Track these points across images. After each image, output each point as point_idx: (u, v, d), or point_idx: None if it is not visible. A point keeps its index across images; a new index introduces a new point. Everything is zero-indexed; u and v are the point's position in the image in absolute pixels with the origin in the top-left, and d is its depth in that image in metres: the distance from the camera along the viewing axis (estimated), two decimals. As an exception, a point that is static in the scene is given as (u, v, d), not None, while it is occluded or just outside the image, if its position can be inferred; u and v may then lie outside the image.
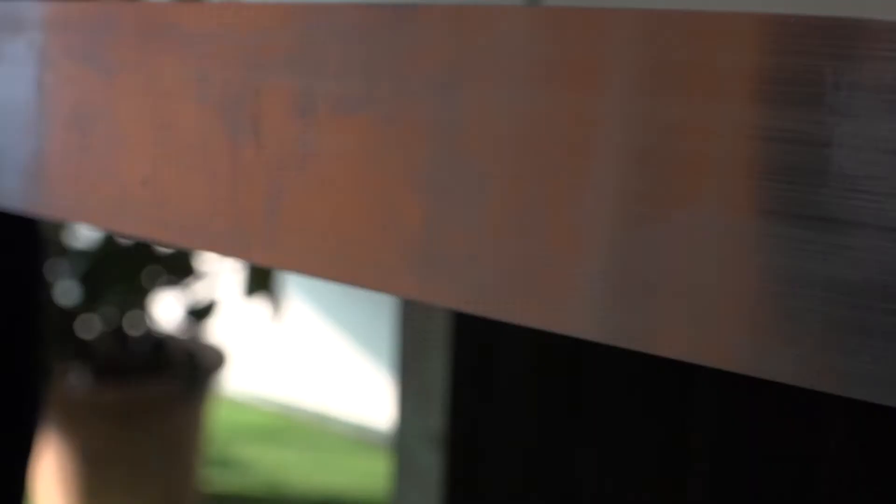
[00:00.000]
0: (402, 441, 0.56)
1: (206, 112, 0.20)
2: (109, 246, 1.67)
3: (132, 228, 0.22)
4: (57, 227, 1.50)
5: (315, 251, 0.19)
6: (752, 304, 0.15)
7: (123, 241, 1.64)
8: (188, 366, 1.75)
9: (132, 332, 1.78)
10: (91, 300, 1.70)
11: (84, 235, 1.63)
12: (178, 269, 1.71)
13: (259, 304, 1.85)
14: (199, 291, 1.75)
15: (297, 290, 2.13)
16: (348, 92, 0.18)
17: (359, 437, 2.12)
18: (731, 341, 0.15)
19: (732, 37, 0.15)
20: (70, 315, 1.71)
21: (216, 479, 1.99)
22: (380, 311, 2.00)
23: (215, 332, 1.95)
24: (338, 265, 0.19)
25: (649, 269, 0.15)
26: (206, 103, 0.20)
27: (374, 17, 0.18)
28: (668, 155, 0.15)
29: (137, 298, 1.75)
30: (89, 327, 1.75)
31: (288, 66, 0.19)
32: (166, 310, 1.85)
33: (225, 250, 0.20)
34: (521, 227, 0.16)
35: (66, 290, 1.67)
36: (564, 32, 0.15)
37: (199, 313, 1.78)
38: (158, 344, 1.78)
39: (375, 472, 1.99)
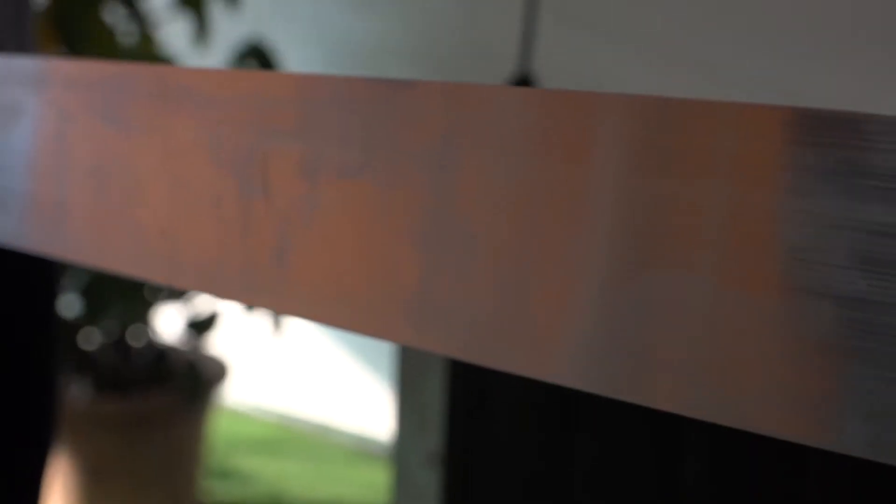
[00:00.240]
0: (401, 459, 0.58)
1: (219, 170, 0.22)
2: (112, 259, 1.69)
3: (150, 274, 0.23)
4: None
5: (318, 300, 0.20)
6: (728, 359, 0.16)
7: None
8: (189, 378, 1.76)
9: (134, 344, 1.79)
10: (93, 312, 1.72)
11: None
12: (180, 283, 1.73)
13: (260, 317, 1.87)
14: (200, 304, 1.76)
15: (297, 303, 2.14)
16: (349, 158, 0.20)
17: (359, 449, 2.13)
18: (711, 393, 0.16)
19: (714, 123, 0.16)
20: (72, 327, 1.73)
21: (217, 491, 2.00)
22: (379, 323, 2.02)
23: (216, 344, 1.96)
24: (339, 313, 0.20)
25: (631, 326, 0.17)
26: (219, 162, 0.22)
27: (374, 90, 0.19)
28: (650, 224, 0.17)
29: (139, 311, 1.76)
30: (91, 339, 1.77)
31: (294, 132, 0.21)
32: (168, 322, 1.86)
33: (236, 297, 0.22)
34: (511, 284, 0.18)
35: (67, 303, 1.69)
36: (555, 113, 0.17)
37: (201, 325, 1.79)
38: (160, 356, 1.80)
39: (375, 483, 2.00)
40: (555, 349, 0.18)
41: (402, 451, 0.60)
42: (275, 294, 0.21)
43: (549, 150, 0.17)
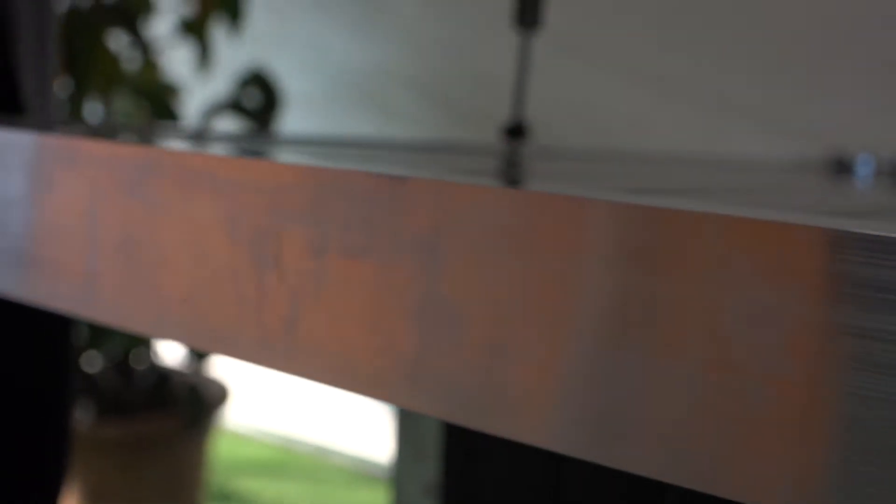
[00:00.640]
0: (399, 489, 0.60)
1: (235, 247, 0.25)
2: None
3: (172, 337, 0.26)
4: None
5: (324, 366, 0.23)
6: (705, 432, 0.19)
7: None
8: (191, 401, 1.78)
9: (136, 367, 1.81)
10: (95, 336, 1.74)
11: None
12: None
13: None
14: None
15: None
16: (353, 240, 0.23)
17: (359, 471, 2.14)
18: (689, 462, 0.19)
19: (695, 229, 0.19)
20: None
21: (218, 513, 2.01)
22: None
23: (217, 367, 1.98)
24: (343, 377, 0.23)
25: (609, 397, 0.20)
26: (235, 239, 0.25)
27: (373, 182, 0.22)
28: (629, 314, 0.19)
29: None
30: (93, 362, 1.79)
31: (304, 216, 0.23)
32: (169, 346, 1.89)
33: (250, 360, 0.24)
34: (494, 357, 0.21)
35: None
36: (542, 215, 0.20)
37: (203, 350, 1.81)
38: (161, 379, 1.82)
39: (374, 506, 2.01)
40: (533, 417, 0.20)
41: (400, 481, 0.63)
42: (286, 359, 0.24)
43: (533, 248, 0.20)
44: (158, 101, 1.82)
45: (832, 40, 1.98)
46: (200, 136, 0.42)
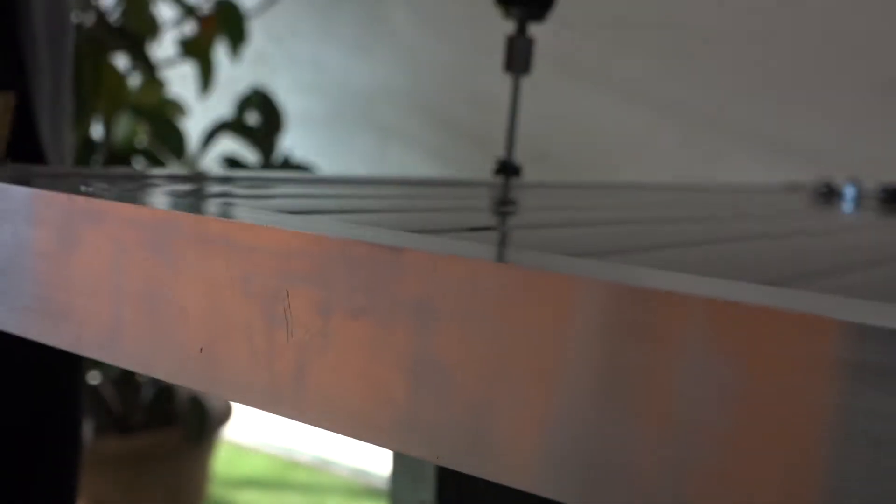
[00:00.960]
0: (397, 510, 0.63)
1: (249, 304, 0.27)
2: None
3: (191, 383, 0.29)
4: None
5: (328, 413, 0.26)
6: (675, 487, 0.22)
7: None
8: (193, 415, 1.81)
9: (138, 381, 1.84)
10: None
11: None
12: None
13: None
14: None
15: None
16: (355, 302, 0.25)
17: (359, 483, 2.17)
18: None
19: (676, 310, 0.22)
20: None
21: (218, 526, 2.03)
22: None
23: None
24: (344, 423, 0.26)
25: (585, 449, 0.22)
26: (249, 297, 0.27)
27: (373, 251, 0.25)
28: (613, 382, 0.22)
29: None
30: (94, 377, 1.81)
31: (311, 279, 0.26)
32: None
33: (261, 407, 0.27)
34: (482, 409, 0.24)
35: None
36: (526, 290, 0.22)
37: (204, 365, 1.84)
38: (164, 393, 1.84)
39: (373, 519, 2.03)
40: (516, 463, 0.23)
41: (396, 499, 0.65)
42: (294, 407, 0.26)
43: (518, 317, 0.23)
44: (161, 122, 1.85)
45: (828, 62, 2.01)
46: (201, 181, 0.45)
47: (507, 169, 0.62)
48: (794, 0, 2.02)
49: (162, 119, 1.87)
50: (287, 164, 2.04)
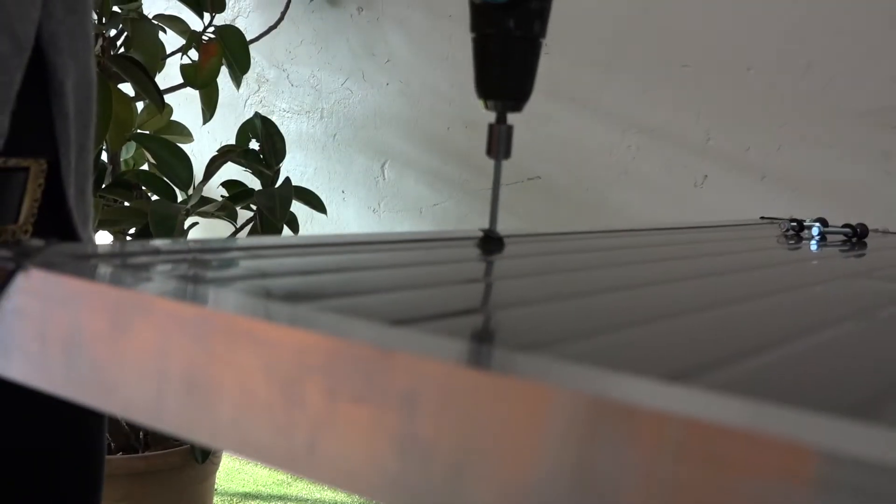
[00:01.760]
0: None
1: (271, 386, 0.34)
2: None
3: (224, 448, 0.36)
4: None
5: (335, 474, 0.33)
6: None
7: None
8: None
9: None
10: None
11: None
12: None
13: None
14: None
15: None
16: (356, 389, 0.32)
17: (358, 497, 2.23)
18: None
19: (643, 427, 0.29)
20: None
21: (221, 540, 2.09)
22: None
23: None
24: (347, 483, 0.33)
25: None
26: (271, 381, 0.34)
27: (371, 352, 0.32)
28: (578, 478, 0.29)
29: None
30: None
31: (322, 370, 0.33)
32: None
33: (281, 468, 0.34)
34: (459, 478, 0.31)
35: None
36: (502, 398, 0.30)
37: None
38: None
39: (370, 533, 2.10)
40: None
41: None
42: (307, 470, 0.33)
43: (493, 414, 0.30)
44: (167, 149, 1.92)
45: (808, 92, 2.09)
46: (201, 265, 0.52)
47: (491, 240, 0.70)
48: (776, 33, 2.10)
49: (168, 146, 1.93)
50: (287, 186, 2.10)
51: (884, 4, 1.95)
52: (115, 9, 2.03)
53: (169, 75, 2.25)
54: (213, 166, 1.96)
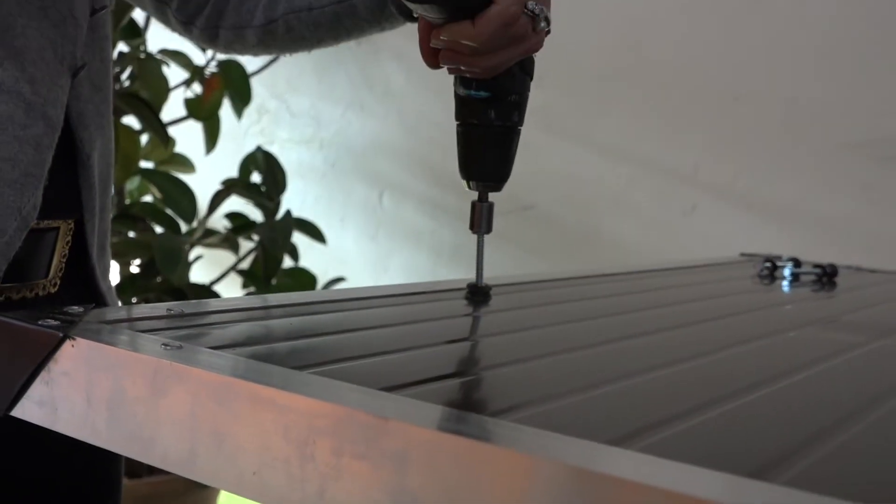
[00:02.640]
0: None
1: (287, 444, 0.41)
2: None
3: (247, 495, 0.43)
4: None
5: (342, 520, 0.40)
6: None
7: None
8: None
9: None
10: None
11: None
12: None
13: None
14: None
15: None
16: (357, 448, 0.39)
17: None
18: None
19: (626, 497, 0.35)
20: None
21: (224, 561, 2.14)
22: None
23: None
24: (353, 527, 0.40)
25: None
26: (287, 439, 0.41)
27: (370, 418, 0.39)
28: None
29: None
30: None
31: (329, 432, 0.40)
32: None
33: (296, 514, 0.41)
34: (436, 521, 0.37)
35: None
36: (485, 466, 0.36)
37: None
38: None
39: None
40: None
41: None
42: (318, 516, 0.40)
43: (480, 477, 0.37)
44: (172, 183, 1.98)
45: (793, 124, 2.16)
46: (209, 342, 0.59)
47: (477, 293, 0.77)
48: (762, 66, 2.17)
49: (172, 181, 2.00)
50: (288, 219, 2.16)
51: (869, 39, 2.03)
52: (122, 46, 2.10)
53: (172, 107, 2.32)
54: (217, 200, 2.03)
